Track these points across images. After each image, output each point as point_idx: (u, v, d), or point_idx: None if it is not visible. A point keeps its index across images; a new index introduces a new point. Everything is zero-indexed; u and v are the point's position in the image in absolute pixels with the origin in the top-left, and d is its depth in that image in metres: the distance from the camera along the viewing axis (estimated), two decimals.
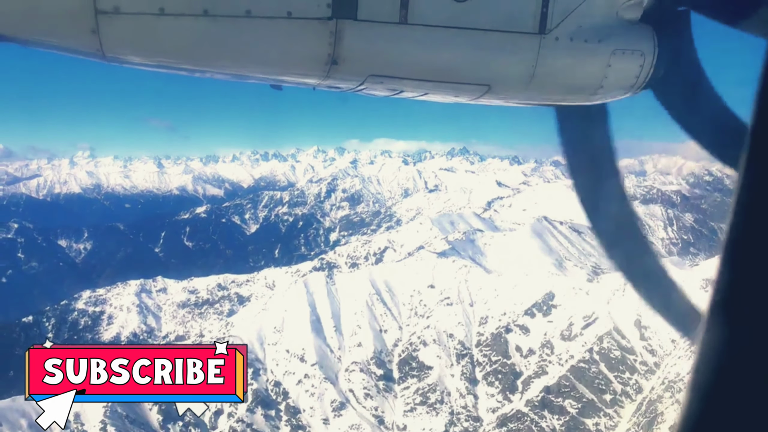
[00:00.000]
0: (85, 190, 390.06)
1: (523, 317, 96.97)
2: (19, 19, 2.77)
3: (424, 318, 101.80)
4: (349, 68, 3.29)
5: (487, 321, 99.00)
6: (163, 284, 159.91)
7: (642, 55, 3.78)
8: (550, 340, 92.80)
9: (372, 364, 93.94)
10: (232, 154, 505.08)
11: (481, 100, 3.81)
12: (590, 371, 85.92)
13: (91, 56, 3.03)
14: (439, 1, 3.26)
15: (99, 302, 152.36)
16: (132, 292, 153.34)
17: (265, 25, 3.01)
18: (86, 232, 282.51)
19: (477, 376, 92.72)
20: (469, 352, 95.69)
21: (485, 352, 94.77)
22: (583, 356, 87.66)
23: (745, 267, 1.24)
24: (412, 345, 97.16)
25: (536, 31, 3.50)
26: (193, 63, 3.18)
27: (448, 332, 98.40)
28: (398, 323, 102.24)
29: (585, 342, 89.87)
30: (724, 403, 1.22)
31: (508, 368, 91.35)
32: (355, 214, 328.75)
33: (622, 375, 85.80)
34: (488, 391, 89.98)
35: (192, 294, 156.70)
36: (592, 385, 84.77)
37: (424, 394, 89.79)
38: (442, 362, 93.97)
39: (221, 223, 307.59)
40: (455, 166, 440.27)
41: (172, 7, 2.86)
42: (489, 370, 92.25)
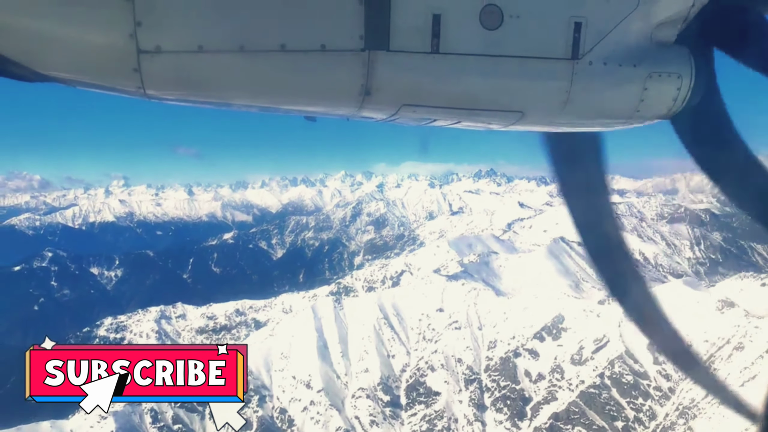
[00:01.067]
0: (119, 219, 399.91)
1: (533, 341, 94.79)
2: (63, 60, 2.86)
3: (433, 342, 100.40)
4: (383, 99, 3.33)
5: (495, 345, 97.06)
6: (183, 310, 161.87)
7: (679, 78, 3.71)
8: (560, 365, 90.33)
9: (379, 389, 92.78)
10: (261, 181, 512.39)
11: (515, 127, 3.80)
12: (601, 397, 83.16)
13: (133, 94, 3.11)
14: (471, 30, 3.28)
15: (120, 329, 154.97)
16: (152, 319, 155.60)
17: (299, 59, 3.06)
18: (117, 259, 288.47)
19: (485, 402, 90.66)
20: (477, 377, 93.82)
21: (494, 377, 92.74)
22: (593, 381, 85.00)
23: None
24: (419, 370, 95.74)
25: (569, 57, 3.47)
26: (230, 98, 3.26)
27: (456, 357, 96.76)
28: (406, 348, 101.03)
29: (596, 366, 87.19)
30: None
31: (517, 394, 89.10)
32: (380, 237, 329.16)
33: (635, 401, 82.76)
34: (496, 418, 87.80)
35: (210, 320, 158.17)
36: (603, 411, 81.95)
37: (431, 421, 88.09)
38: (450, 388, 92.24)
39: (248, 248, 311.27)
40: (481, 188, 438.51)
41: (210, 44, 2.93)
42: (497, 396, 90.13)
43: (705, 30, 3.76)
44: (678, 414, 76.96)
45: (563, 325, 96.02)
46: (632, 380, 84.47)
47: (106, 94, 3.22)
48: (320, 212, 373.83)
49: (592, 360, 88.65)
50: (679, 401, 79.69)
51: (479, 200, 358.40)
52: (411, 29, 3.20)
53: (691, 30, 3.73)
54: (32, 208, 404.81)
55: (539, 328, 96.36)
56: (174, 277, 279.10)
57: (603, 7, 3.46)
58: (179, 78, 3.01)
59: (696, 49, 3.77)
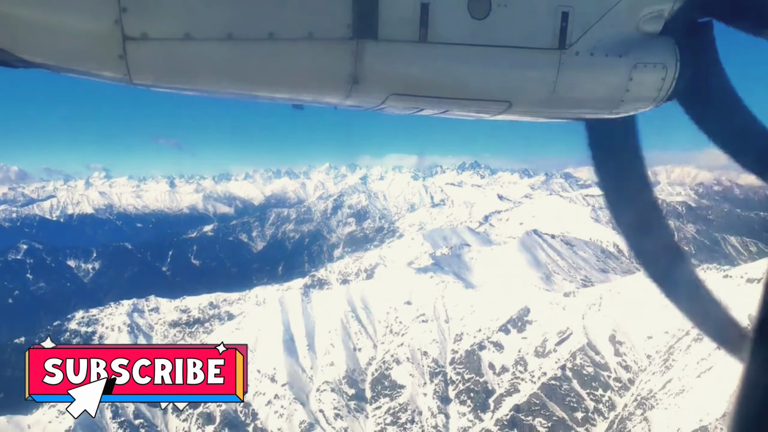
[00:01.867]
0: (98, 211, 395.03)
1: (498, 334, 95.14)
2: (47, 46, 2.83)
3: (399, 335, 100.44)
4: (371, 87, 3.32)
5: (462, 338, 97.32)
6: (156, 303, 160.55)
7: (664, 68, 3.73)
8: (523, 357, 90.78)
9: (344, 383, 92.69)
10: (244, 172, 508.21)
11: (502, 117, 3.83)
12: (562, 388, 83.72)
13: (118, 81, 3.07)
14: (459, 19, 3.29)
15: (92, 322, 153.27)
16: (124, 312, 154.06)
17: (287, 47, 3.05)
18: (95, 252, 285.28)
19: (449, 395, 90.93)
20: (442, 370, 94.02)
21: (459, 370, 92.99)
22: (555, 373, 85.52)
23: None
24: (385, 363, 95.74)
25: (556, 47, 3.48)
26: (218, 86, 3.23)
27: (422, 350, 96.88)
28: (373, 341, 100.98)
29: (558, 358, 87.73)
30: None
31: (481, 386, 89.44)
32: (361, 230, 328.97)
33: (595, 392, 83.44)
34: (460, 410, 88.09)
35: (184, 313, 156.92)
36: (564, 402, 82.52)
37: (395, 414, 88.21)
38: (415, 381, 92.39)
39: (228, 241, 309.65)
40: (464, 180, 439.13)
41: (197, 32, 2.90)
42: (462, 389, 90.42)
43: (702, 3, 3.75)
44: (636, 405, 77.70)
45: (529, 317, 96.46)
46: (593, 372, 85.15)
47: (91, 80, 3.18)
48: (302, 204, 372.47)
49: (555, 352, 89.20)
50: (637, 392, 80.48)
51: (461, 192, 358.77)
52: (399, 18, 3.20)
53: (678, 19, 3.74)
54: (9, 199, 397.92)
55: (505, 321, 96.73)
56: (152, 270, 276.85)
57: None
58: (166, 65, 2.99)
59: (681, 40, 3.80)
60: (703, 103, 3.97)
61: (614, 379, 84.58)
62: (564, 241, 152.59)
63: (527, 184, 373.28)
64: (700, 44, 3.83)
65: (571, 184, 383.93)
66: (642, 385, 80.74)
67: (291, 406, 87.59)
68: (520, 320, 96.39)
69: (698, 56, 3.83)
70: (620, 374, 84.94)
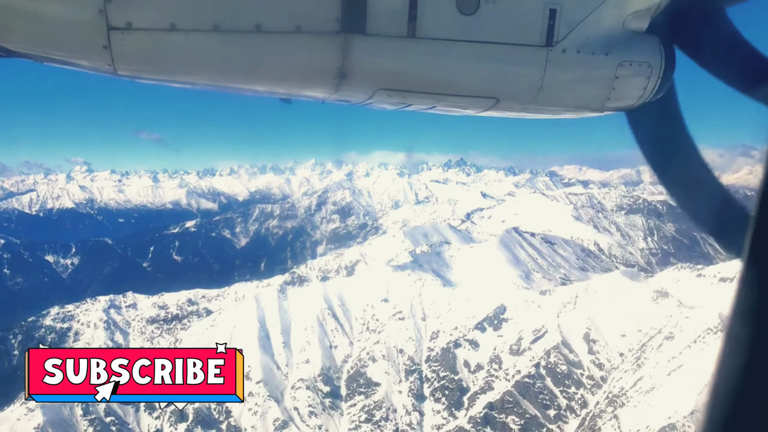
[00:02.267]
0: (78, 205, 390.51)
1: (474, 331, 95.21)
2: (32, 35, 2.82)
3: (376, 333, 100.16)
4: (358, 82, 3.30)
5: (438, 336, 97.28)
6: (134, 300, 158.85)
7: (649, 67, 3.72)
8: (498, 355, 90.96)
9: (319, 380, 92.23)
10: (229, 168, 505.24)
11: (489, 113, 3.82)
12: (535, 386, 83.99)
13: (103, 72, 3.04)
14: (447, 15, 3.27)
15: (67, 318, 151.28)
16: (101, 308, 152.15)
17: (274, 40, 3.03)
18: (74, 247, 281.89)
19: (425, 393, 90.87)
20: (418, 367, 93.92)
21: (434, 367, 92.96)
22: (529, 371, 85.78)
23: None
24: (361, 361, 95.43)
25: (543, 44, 3.47)
26: (203, 78, 3.19)
27: (398, 347, 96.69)
28: (349, 339, 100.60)
29: (533, 356, 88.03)
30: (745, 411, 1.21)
31: (456, 384, 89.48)
32: (344, 226, 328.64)
33: (568, 390, 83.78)
34: (434, 408, 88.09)
35: (162, 309, 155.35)
36: (537, 400, 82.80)
37: (369, 412, 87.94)
38: (391, 378, 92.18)
39: (211, 237, 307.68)
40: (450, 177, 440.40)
41: (183, 23, 2.87)
42: (437, 386, 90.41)
43: (667, 27, 3.76)
44: (607, 402, 78.20)
45: (505, 315, 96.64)
46: (566, 370, 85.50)
47: (72, 71, 3.18)
48: (286, 201, 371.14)
49: (530, 350, 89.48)
50: (609, 390, 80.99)
51: (445, 190, 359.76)
52: (388, 13, 3.17)
53: (660, 21, 3.75)
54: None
55: (481, 319, 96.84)
56: (133, 266, 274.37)
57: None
58: (150, 56, 2.96)
59: (666, 39, 3.80)
60: (651, 125, 3.99)
61: (587, 377, 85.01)
62: (544, 239, 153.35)
63: (512, 182, 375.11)
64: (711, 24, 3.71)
65: (555, 182, 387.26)
66: (614, 383, 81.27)
67: (265, 404, 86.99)
68: (496, 318, 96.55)
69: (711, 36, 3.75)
70: (593, 372, 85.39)
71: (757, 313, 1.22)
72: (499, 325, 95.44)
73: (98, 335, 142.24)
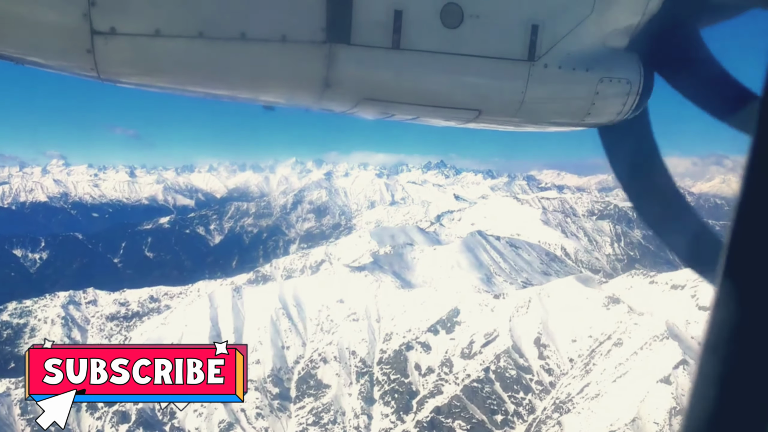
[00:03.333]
0: (52, 199, 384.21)
1: (426, 334, 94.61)
2: (13, 37, 2.80)
3: (330, 334, 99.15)
4: (342, 92, 3.34)
5: (391, 338, 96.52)
6: (94, 296, 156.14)
7: (628, 83, 3.78)
8: (450, 358, 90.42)
9: (269, 382, 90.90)
10: (209, 165, 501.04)
11: (472, 125, 3.85)
12: (483, 391, 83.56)
13: (86, 76, 3.02)
14: (431, 27, 3.29)
15: (24, 314, 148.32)
16: (59, 304, 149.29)
17: (259, 48, 3.02)
18: (43, 241, 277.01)
19: (374, 396, 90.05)
20: (369, 370, 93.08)
21: (385, 370, 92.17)
22: (478, 375, 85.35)
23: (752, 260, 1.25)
24: (312, 362, 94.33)
25: (525, 58, 3.51)
26: (187, 84, 3.18)
27: (351, 349, 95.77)
28: (302, 339, 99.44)
29: (483, 360, 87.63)
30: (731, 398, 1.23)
31: (405, 387, 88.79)
32: (319, 226, 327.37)
33: (516, 395, 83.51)
34: (383, 411, 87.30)
35: (123, 306, 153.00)
36: (484, 405, 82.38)
37: (317, 414, 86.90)
38: (341, 380, 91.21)
39: (185, 233, 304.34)
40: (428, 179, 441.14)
41: (168, 28, 2.84)
42: (387, 389, 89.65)
43: (645, 48, 3.79)
44: (554, 408, 77.99)
45: (458, 318, 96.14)
46: (515, 375, 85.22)
47: (58, 74, 3.14)
48: (262, 199, 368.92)
49: (481, 354, 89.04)
50: (557, 395, 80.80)
51: (422, 191, 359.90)
52: (372, 24, 3.21)
53: (639, 40, 3.78)
54: None
55: (434, 322, 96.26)
56: (103, 261, 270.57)
57: (559, 11, 3.53)
58: (134, 62, 2.96)
59: (644, 57, 3.83)
60: (622, 144, 4.04)
61: (536, 382, 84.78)
62: (509, 243, 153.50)
63: (489, 185, 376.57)
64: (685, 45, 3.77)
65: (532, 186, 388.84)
66: (562, 389, 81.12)
67: (211, 405, 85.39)
68: (449, 321, 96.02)
69: (686, 55, 3.80)
70: (542, 377, 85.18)
71: (734, 324, 1.28)
72: (452, 328, 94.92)
73: (55, 332, 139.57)
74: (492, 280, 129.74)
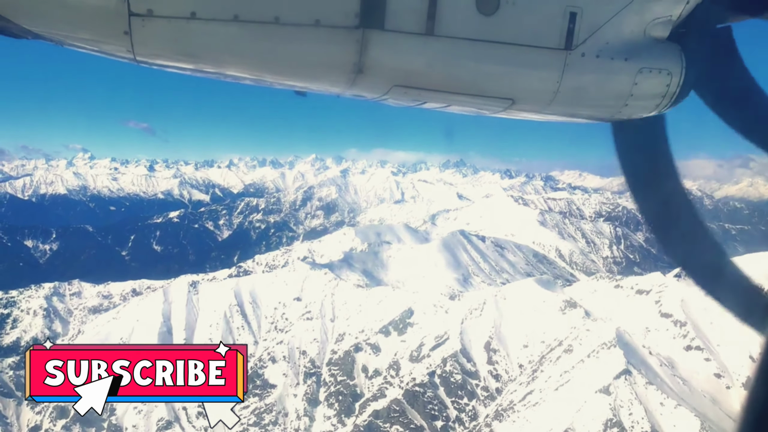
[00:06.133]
0: (71, 192, 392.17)
1: (378, 335, 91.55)
2: (52, 16, 2.79)
3: (283, 332, 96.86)
4: (375, 78, 3.29)
5: (343, 338, 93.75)
6: (79, 288, 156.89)
7: (669, 75, 3.64)
8: (398, 361, 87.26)
9: None
10: (229, 160, 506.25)
11: (504, 114, 3.77)
12: (425, 395, 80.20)
13: (122, 58, 3.05)
14: (466, 14, 3.23)
15: (9, 304, 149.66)
16: (43, 296, 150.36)
17: (293, 32, 2.99)
18: (55, 233, 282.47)
19: (320, 397, 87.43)
20: (318, 371, 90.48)
21: (333, 371, 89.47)
22: (422, 379, 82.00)
23: None
24: (261, 361, 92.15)
25: (562, 47, 3.43)
26: (221, 67, 3.16)
27: (301, 349, 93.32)
28: (255, 337, 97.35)
29: (430, 364, 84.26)
30: None
31: (350, 390, 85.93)
32: (327, 222, 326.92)
33: (460, 401, 79.93)
34: (326, 414, 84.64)
35: (105, 299, 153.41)
36: (425, 410, 79.01)
37: (259, 415, 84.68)
38: (288, 381, 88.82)
39: (193, 228, 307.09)
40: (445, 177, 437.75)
41: (203, 11, 2.85)
42: (332, 391, 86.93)
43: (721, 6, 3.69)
44: (494, 415, 74.30)
45: (411, 319, 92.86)
46: (461, 379, 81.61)
47: (96, 55, 3.13)
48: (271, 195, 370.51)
49: (429, 357, 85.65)
50: (501, 402, 77.07)
51: (432, 190, 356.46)
52: (407, 10, 3.16)
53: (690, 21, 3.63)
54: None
55: (387, 323, 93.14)
56: (111, 254, 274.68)
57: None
58: (170, 44, 2.97)
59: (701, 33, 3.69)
60: (730, 103, 3.86)
61: (482, 388, 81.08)
62: (495, 243, 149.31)
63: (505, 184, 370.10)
64: (719, 48, 3.72)
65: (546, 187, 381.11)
66: (507, 396, 77.36)
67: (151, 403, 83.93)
68: (402, 322, 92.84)
69: (717, 61, 3.73)
70: (489, 383, 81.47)
71: None
72: (404, 330, 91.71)
73: (36, 323, 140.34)
74: (469, 280, 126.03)
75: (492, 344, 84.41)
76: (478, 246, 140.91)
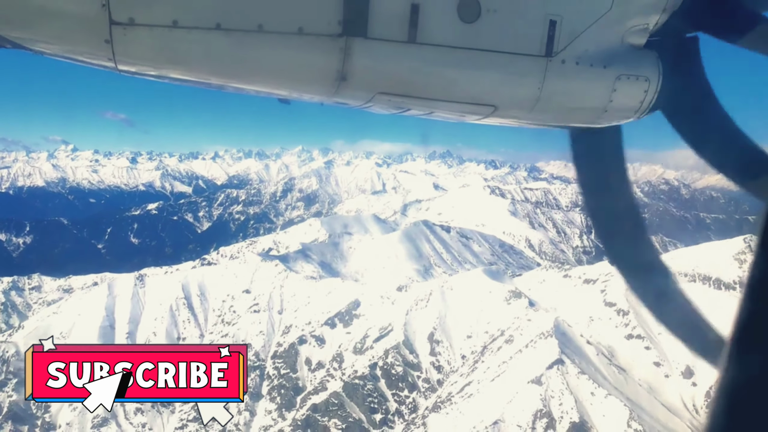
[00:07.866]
0: (49, 184, 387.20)
1: (323, 327, 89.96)
2: (35, 27, 2.73)
3: (229, 325, 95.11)
4: (358, 85, 3.31)
5: (290, 330, 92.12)
6: (39, 281, 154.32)
7: (646, 81, 3.76)
8: (342, 353, 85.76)
9: None
10: (214, 152, 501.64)
11: (487, 121, 3.83)
12: (365, 388, 78.79)
13: (104, 66, 3.03)
14: (448, 22, 3.24)
15: None
16: (1, 290, 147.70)
17: (276, 41, 2.96)
18: (28, 226, 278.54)
19: (262, 391, 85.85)
20: (262, 364, 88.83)
21: (277, 364, 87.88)
22: (363, 372, 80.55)
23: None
24: None
25: (543, 54, 3.50)
26: (204, 76, 3.17)
27: (247, 341, 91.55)
28: (201, 331, 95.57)
29: (373, 356, 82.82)
30: None
31: (292, 383, 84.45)
32: (307, 213, 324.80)
33: (401, 393, 78.61)
34: (267, 407, 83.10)
35: (66, 293, 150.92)
36: (364, 403, 77.64)
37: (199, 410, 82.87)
38: None
39: (172, 220, 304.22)
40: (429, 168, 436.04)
41: (186, 20, 2.83)
42: (275, 384, 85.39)
43: (690, 18, 3.73)
44: (433, 407, 72.99)
45: (357, 311, 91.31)
46: (402, 371, 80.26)
47: (76, 64, 3.11)
48: (253, 186, 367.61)
49: (372, 349, 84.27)
50: (441, 394, 75.78)
51: (411, 180, 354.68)
52: (389, 17, 3.19)
53: (662, 33, 3.73)
54: None
55: (333, 314, 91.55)
56: (86, 246, 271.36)
57: (578, 6, 3.53)
58: (152, 53, 2.94)
59: (676, 40, 3.77)
60: (687, 116, 3.92)
61: (424, 379, 79.79)
62: (460, 233, 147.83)
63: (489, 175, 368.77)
64: (685, 58, 3.80)
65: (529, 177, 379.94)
66: (448, 387, 76.10)
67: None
68: (348, 314, 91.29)
69: (683, 69, 3.81)
70: (431, 375, 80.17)
71: None
72: (350, 321, 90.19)
73: None
74: (430, 271, 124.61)
75: (435, 335, 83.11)
76: (441, 236, 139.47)
